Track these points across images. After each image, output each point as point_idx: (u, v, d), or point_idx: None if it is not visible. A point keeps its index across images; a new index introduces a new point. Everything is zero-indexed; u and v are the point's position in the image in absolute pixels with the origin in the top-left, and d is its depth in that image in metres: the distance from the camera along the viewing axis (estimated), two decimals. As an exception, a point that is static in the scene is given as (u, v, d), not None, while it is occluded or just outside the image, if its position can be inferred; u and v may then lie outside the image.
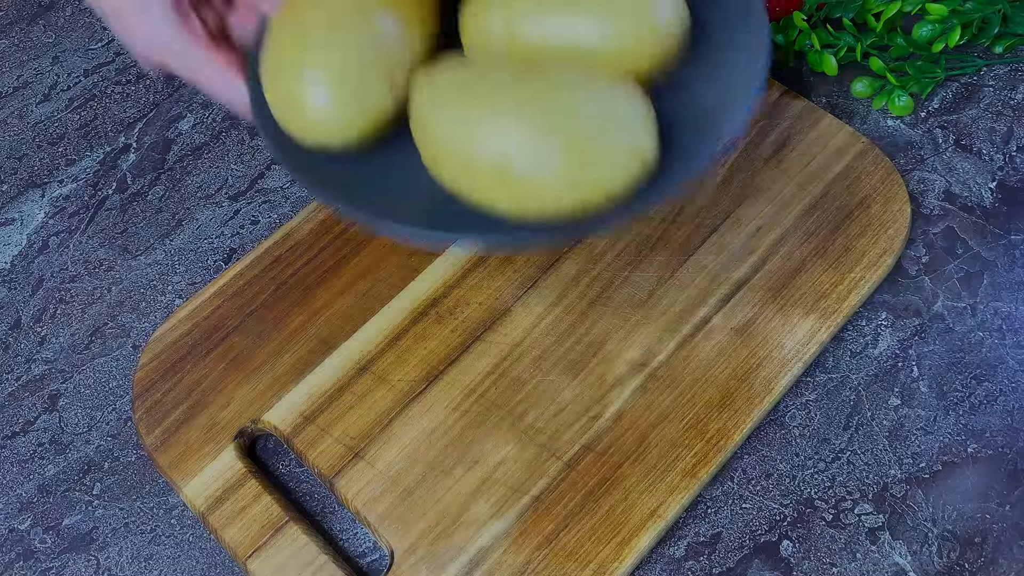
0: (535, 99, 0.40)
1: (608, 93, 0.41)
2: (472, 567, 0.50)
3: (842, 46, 0.66)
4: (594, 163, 0.40)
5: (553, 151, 0.40)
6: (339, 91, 0.43)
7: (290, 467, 0.55)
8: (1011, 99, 0.66)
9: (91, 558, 0.53)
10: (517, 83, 0.41)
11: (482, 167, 0.41)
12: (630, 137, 0.40)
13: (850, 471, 0.53)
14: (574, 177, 0.40)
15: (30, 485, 0.55)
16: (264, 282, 0.59)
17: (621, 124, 0.40)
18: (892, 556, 0.51)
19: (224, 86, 0.49)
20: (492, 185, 0.41)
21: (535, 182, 0.40)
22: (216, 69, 0.49)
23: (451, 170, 0.42)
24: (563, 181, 0.40)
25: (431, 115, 0.42)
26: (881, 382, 0.56)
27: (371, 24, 0.44)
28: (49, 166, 0.68)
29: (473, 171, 0.41)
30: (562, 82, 0.41)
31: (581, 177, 0.40)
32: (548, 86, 0.41)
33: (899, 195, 0.60)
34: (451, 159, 0.42)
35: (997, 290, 0.59)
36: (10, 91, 0.72)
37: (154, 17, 0.47)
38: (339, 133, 0.44)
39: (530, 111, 0.40)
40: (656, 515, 0.51)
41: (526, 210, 0.41)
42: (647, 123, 0.41)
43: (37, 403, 0.58)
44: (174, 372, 0.56)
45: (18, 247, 0.64)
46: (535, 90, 0.41)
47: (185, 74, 0.49)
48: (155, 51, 0.49)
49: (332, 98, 0.43)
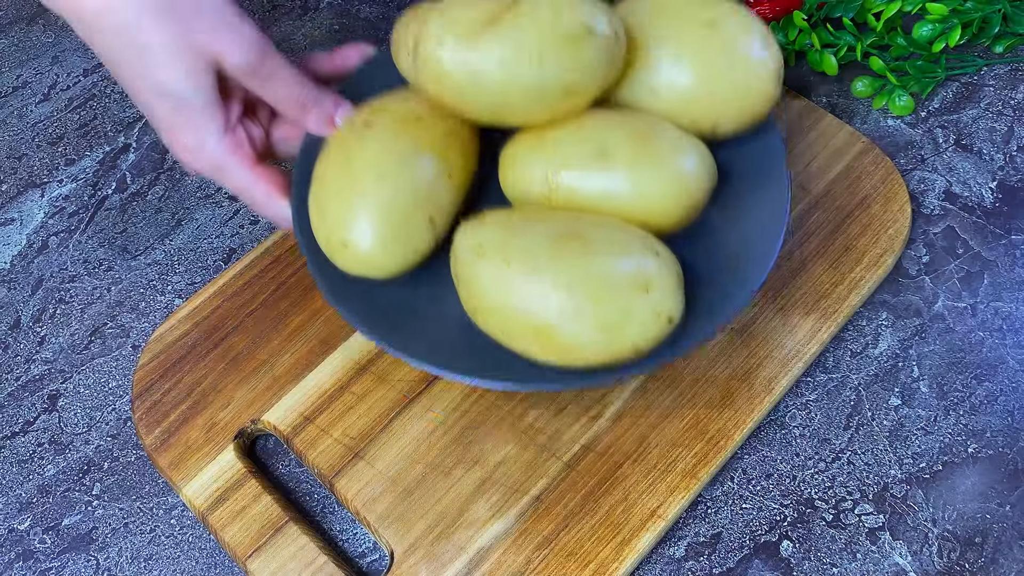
0: (573, 267, 0.44)
1: (640, 259, 0.44)
2: (472, 567, 0.50)
3: (842, 46, 0.66)
4: (626, 327, 0.44)
5: (588, 318, 0.43)
6: (384, 235, 0.47)
7: (290, 467, 0.55)
8: (1011, 99, 0.66)
9: (91, 558, 0.53)
10: (556, 247, 0.44)
11: (520, 323, 0.45)
12: (660, 303, 0.44)
13: (850, 471, 0.53)
14: (607, 339, 0.44)
15: (30, 485, 0.55)
16: (264, 282, 0.59)
17: (652, 291, 0.44)
18: (892, 556, 0.51)
19: (268, 204, 0.52)
20: (528, 339, 0.45)
21: (570, 342, 0.44)
22: (261, 188, 0.51)
23: (489, 320, 0.46)
24: (597, 342, 0.44)
25: (474, 271, 0.46)
26: (881, 382, 0.56)
27: (415, 168, 0.48)
28: (49, 166, 0.68)
29: (511, 326, 0.45)
30: (598, 247, 0.44)
31: (613, 339, 0.44)
32: (585, 252, 0.44)
33: (899, 195, 0.60)
34: (491, 312, 0.46)
35: (997, 290, 0.59)
36: (9, 91, 0.72)
37: (205, 136, 0.50)
38: (382, 270, 0.48)
39: (568, 280, 0.43)
40: (656, 515, 0.51)
41: (558, 361, 0.45)
42: (676, 288, 0.45)
43: (37, 403, 0.58)
44: (174, 372, 0.56)
45: (18, 247, 0.64)
46: (573, 258, 0.44)
47: (229, 188, 0.52)
48: (203, 166, 0.51)
49: (377, 241, 0.47)
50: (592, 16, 0.46)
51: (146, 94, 0.49)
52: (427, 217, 0.48)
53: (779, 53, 0.50)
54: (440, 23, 0.46)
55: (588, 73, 0.46)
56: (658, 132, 0.48)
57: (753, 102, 0.50)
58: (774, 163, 0.51)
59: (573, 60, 0.46)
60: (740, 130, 0.51)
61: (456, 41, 0.45)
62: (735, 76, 0.49)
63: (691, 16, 0.49)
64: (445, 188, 0.49)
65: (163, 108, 0.49)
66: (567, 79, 0.46)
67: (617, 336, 0.43)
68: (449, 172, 0.49)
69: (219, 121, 0.50)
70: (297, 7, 0.75)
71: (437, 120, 0.49)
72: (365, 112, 0.50)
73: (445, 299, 0.49)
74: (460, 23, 0.45)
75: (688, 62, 0.49)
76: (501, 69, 0.45)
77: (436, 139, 0.49)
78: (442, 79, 0.46)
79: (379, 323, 0.48)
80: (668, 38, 0.49)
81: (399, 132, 0.48)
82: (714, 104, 0.50)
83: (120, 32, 0.47)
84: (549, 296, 0.43)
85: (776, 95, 0.50)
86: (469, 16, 0.46)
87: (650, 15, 0.50)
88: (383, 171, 0.47)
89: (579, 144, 0.48)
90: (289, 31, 0.73)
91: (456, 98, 0.47)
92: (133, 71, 0.48)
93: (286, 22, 0.74)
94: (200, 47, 0.48)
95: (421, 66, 0.47)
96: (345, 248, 0.47)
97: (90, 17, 0.47)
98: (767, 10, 0.67)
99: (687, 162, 0.47)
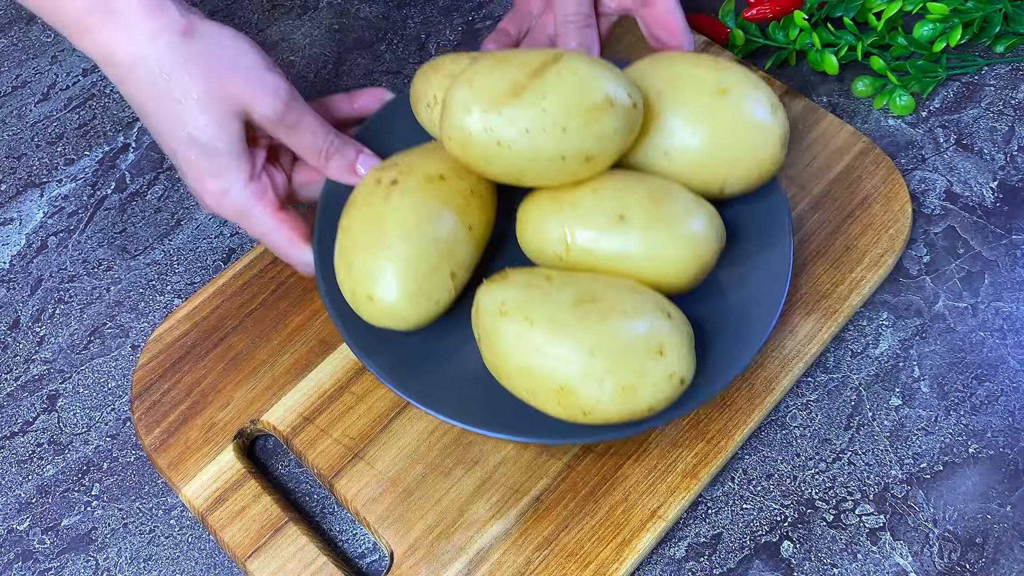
0: (594, 330, 0.45)
1: (655, 321, 0.46)
2: (472, 568, 0.50)
3: (843, 45, 0.66)
4: (641, 389, 0.46)
5: (608, 381, 0.45)
6: (409, 289, 0.49)
7: (290, 467, 0.55)
8: (1012, 98, 0.66)
9: (90, 558, 0.53)
10: (577, 309, 0.46)
11: (542, 383, 0.46)
12: (673, 365, 0.46)
13: (851, 471, 0.53)
14: (624, 400, 0.46)
15: (29, 485, 0.55)
16: (263, 282, 0.59)
17: (666, 354, 0.46)
18: (893, 557, 0.51)
19: (290, 250, 0.53)
20: (549, 399, 0.47)
21: (589, 403, 0.46)
22: (284, 234, 0.53)
23: (512, 379, 0.47)
24: (614, 403, 0.46)
25: (496, 330, 0.47)
26: (882, 382, 0.56)
27: (439, 226, 0.50)
28: (48, 166, 0.68)
29: (533, 384, 0.47)
30: (616, 311, 0.46)
31: (629, 400, 0.46)
32: (605, 316, 0.46)
33: (900, 195, 0.60)
34: (513, 372, 0.47)
35: (998, 290, 0.58)
36: (9, 90, 0.72)
37: (231, 183, 0.51)
38: (405, 323, 0.50)
39: (590, 343, 0.45)
40: (656, 516, 0.50)
41: (575, 418, 0.47)
42: (688, 351, 0.47)
43: (36, 403, 0.58)
44: (173, 372, 0.56)
45: (17, 247, 0.64)
46: (594, 321, 0.46)
47: (252, 233, 0.53)
48: (227, 211, 0.52)
49: (402, 295, 0.49)
50: (614, 87, 0.48)
51: (174, 140, 0.50)
52: (449, 272, 0.50)
53: (786, 119, 0.52)
54: (467, 93, 0.48)
55: (608, 142, 0.48)
56: (672, 197, 0.49)
57: (760, 165, 0.52)
58: (778, 223, 0.54)
59: (595, 130, 0.48)
60: (747, 190, 0.53)
61: (483, 111, 0.47)
62: (744, 142, 0.51)
63: (703, 83, 0.51)
64: (466, 243, 0.51)
65: (191, 155, 0.50)
66: (588, 148, 0.48)
67: (633, 397, 0.45)
68: (469, 227, 0.51)
69: (245, 169, 0.51)
70: (297, 7, 0.75)
71: (459, 178, 0.51)
72: (392, 170, 0.51)
73: (462, 350, 0.51)
74: (486, 92, 0.47)
75: (701, 129, 0.51)
76: (525, 138, 0.47)
77: (458, 197, 0.51)
78: (467, 146, 0.48)
79: (402, 375, 0.50)
80: (682, 105, 0.51)
81: (423, 190, 0.50)
82: (723, 167, 0.52)
83: (151, 82, 0.48)
84: (572, 359, 0.45)
85: (782, 158, 0.52)
86: (494, 86, 0.47)
87: (664, 81, 0.52)
88: (408, 228, 0.49)
89: (596, 206, 0.49)
90: (289, 31, 0.73)
91: (481, 163, 0.49)
92: (162, 118, 0.49)
93: (286, 22, 0.74)
94: (230, 98, 0.49)
95: (447, 131, 0.49)
96: (371, 301, 0.49)
97: (121, 64, 0.48)
98: (768, 9, 0.67)
99: (699, 227, 0.49)
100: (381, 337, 0.51)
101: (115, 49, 0.48)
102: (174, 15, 0.48)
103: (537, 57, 0.48)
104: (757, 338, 0.50)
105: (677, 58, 0.53)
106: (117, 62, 0.48)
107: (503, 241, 0.56)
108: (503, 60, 0.48)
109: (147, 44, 0.48)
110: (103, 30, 0.48)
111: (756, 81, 0.52)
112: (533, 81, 0.47)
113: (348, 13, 0.74)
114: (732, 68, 0.52)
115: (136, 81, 0.48)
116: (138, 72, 0.48)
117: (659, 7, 0.57)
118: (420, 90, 0.56)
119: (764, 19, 0.68)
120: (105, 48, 0.48)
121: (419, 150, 0.53)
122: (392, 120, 0.58)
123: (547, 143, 0.47)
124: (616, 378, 0.45)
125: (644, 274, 0.49)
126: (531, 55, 0.48)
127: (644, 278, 0.49)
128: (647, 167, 0.52)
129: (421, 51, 0.72)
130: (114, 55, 0.48)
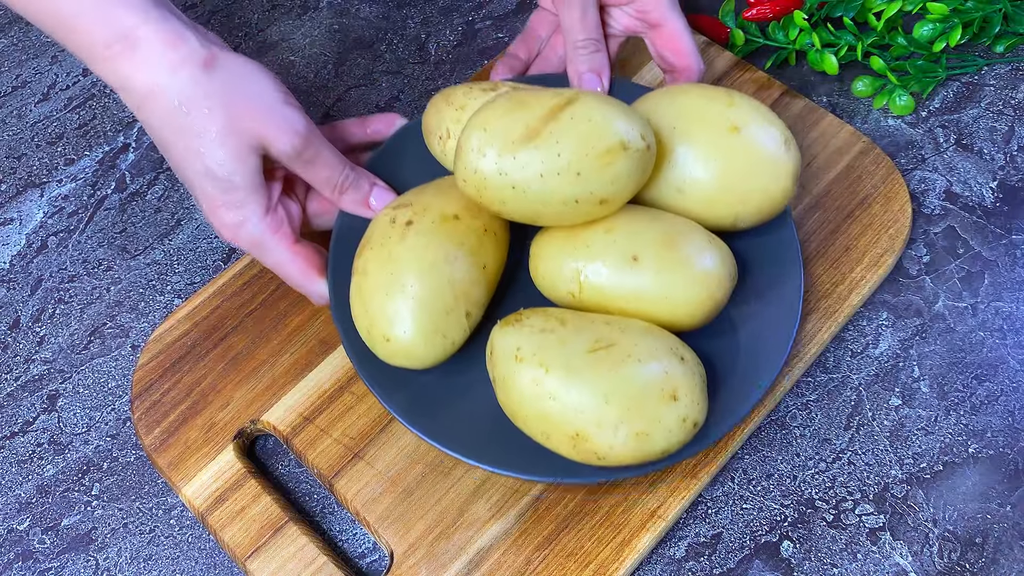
0: (608, 377, 0.46)
1: (669, 366, 0.46)
2: (472, 567, 0.50)
3: (843, 45, 0.66)
4: (655, 434, 0.46)
5: (623, 428, 0.45)
6: (425, 329, 0.49)
7: (289, 467, 0.55)
8: (1012, 98, 0.66)
9: (90, 558, 0.53)
10: (591, 355, 0.46)
11: (556, 428, 0.46)
12: (686, 409, 0.46)
13: (851, 471, 0.53)
14: (638, 445, 0.46)
15: (29, 485, 0.55)
16: (263, 282, 0.59)
17: (680, 399, 0.46)
18: (893, 556, 0.51)
19: (305, 281, 0.53)
20: (564, 443, 0.47)
21: (603, 448, 0.46)
22: (299, 267, 0.53)
23: (527, 423, 0.48)
24: (628, 448, 0.46)
25: (512, 376, 0.47)
26: (882, 382, 0.56)
27: (453, 266, 0.50)
28: (48, 166, 0.68)
29: (547, 428, 0.47)
30: (630, 356, 0.46)
31: (643, 444, 0.46)
32: (619, 362, 0.46)
33: (900, 194, 0.60)
34: (528, 416, 0.47)
35: (998, 290, 0.58)
36: (9, 90, 0.72)
37: (248, 216, 0.51)
38: (421, 362, 0.50)
39: (605, 390, 0.45)
40: (656, 516, 0.50)
41: (589, 461, 0.47)
42: (700, 395, 0.47)
43: (36, 403, 0.58)
44: (173, 372, 0.56)
45: (17, 247, 0.64)
46: (608, 368, 0.46)
47: (268, 264, 0.53)
48: (243, 242, 0.52)
49: (418, 335, 0.49)
50: (627, 131, 0.48)
51: (191, 172, 0.50)
52: (464, 312, 0.50)
53: (798, 153, 0.53)
54: (481, 136, 0.48)
55: (622, 185, 0.49)
56: (685, 237, 0.50)
57: (772, 200, 0.52)
58: (789, 256, 0.54)
59: (608, 174, 0.48)
60: (759, 223, 0.54)
61: (497, 155, 0.48)
62: (757, 177, 0.52)
63: (716, 120, 0.51)
64: (480, 282, 0.51)
65: (208, 187, 0.50)
66: (602, 191, 0.48)
67: (646, 442, 0.46)
68: (483, 265, 0.51)
69: (262, 203, 0.51)
70: (297, 7, 0.75)
71: (473, 217, 0.52)
72: (406, 211, 0.51)
73: (476, 387, 0.52)
74: (500, 136, 0.48)
75: (714, 165, 0.51)
76: (539, 182, 0.48)
77: (472, 236, 0.51)
78: (482, 189, 0.49)
79: (417, 413, 0.51)
80: (694, 142, 0.51)
81: (438, 231, 0.50)
82: (736, 203, 0.52)
83: (170, 114, 0.48)
84: (586, 406, 0.46)
85: (793, 192, 0.53)
86: (508, 129, 0.48)
87: (676, 119, 0.52)
88: (424, 270, 0.49)
89: (609, 247, 0.50)
90: (289, 31, 0.73)
91: (495, 204, 0.49)
92: (180, 150, 0.49)
93: (286, 22, 0.74)
94: (249, 133, 0.49)
95: (461, 174, 0.49)
96: (387, 342, 0.50)
97: (140, 95, 0.48)
98: (768, 9, 0.67)
99: (712, 267, 0.50)
100: (396, 374, 0.52)
101: (134, 79, 0.48)
102: (195, 46, 0.48)
103: (551, 100, 0.48)
104: (766, 376, 0.51)
105: (689, 92, 0.53)
106: (135, 90, 0.48)
107: (515, 271, 0.56)
108: (518, 103, 0.49)
109: (168, 76, 0.47)
110: (123, 60, 0.47)
111: (768, 115, 0.52)
112: (547, 125, 0.47)
113: (348, 13, 0.74)
114: (744, 103, 0.52)
115: (154, 111, 0.48)
116: (157, 103, 0.48)
117: (667, 29, 0.57)
118: (432, 122, 0.56)
119: (764, 19, 0.68)
120: (124, 77, 0.48)
121: (433, 187, 0.53)
122: (404, 147, 0.59)
123: (561, 186, 0.48)
124: (630, 425, 0.45)
125: (657, 313, 0.49)
126: (545, 97, 0.49)
127: (657, 317, 0.49)
128: (660, 203, 0.53)
129: (421, 51, 0.72)
130: (133, 84, 0.48)
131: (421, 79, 0.70)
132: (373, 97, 0.69)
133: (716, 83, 0.65)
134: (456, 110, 0.54)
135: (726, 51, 0.67)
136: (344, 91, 0.70)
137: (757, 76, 0.66)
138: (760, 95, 0.65)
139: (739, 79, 0.65)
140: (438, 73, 0.70)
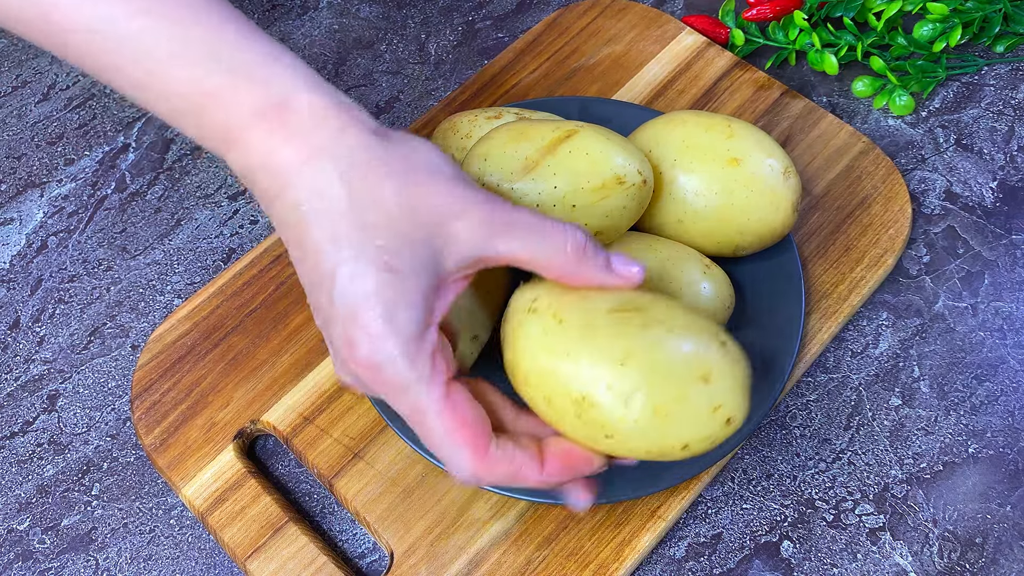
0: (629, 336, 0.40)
1: (704, 344, 0.40)
2: (472, 567, 0.50)
3: (843, 45, 0.66)
4: (677, 416, 0.39)
5: (638, 397, 0.39)
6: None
7: (289, 467, 0.55)
8: (1012, 98, 0.66)
9: (90, 558, 0.53)
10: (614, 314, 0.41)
11: (560, 390, 0.40)
12: (719, 397, 0.40)
13: (851, 471, 0.53)
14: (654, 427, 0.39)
15: (29, 485, 0.55)
16: (263, 282, 0.59)
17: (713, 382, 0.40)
18: (893, 556, 0.51)
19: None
20: (566, 409, 0.40)
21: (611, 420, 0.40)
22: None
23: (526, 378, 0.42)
24: (642, 428, 0.39)
25: (522, 326, 0.42)
26: (882, 382, 0.56)
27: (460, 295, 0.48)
28: (48, 166, 0.68)
29: (548, 390, 0.41)
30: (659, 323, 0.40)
31: (661, 428, 0.39)
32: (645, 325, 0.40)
33: (900, 195, 0.60)
34: (532, 372, 0.42)
35: (998, 290, 0.59)
36: (9, 90, 0.72)
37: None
38: None
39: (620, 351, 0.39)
40: (656, 515, 0.50)
41: (594, 441, 0.41)
42: (740, 386, 0.40)
43: (36, 403, 0.58)
44: (173, 372, 0.56)
45: (17, 247, 0.64)
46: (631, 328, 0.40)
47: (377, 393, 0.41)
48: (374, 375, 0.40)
49: None
50: (624, 166, 0.48)
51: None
52: (471, 336, 0.51)
53: (798, 183, 0.53)
54: (481, 166, 0.49)
55: (617, 218, 0.49)
56: (681, 267, 0.51)
57: (772, 230, 0.53)
58: (791, 282, 0.55)
59: (604, 207, 0.48)
60: (760, 249, 0.54)
61: (496, 185, 0.48)
62: (756, 209, 0.52)
63: (715, 153, 0.52)
64: (485, 306, 0.52)
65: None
66: (597, 224, 0.49)
67: (665, 425, 0.39)
68: (488, 290, 0.52)
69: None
70: (297, 7, 0.75)
71: None
72: None
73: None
74: (499, 167, 0.48)
75: (713, 199, 0.52)
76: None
77: None
78: None
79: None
80: (694, 174, 0.52)
81: None
82: (735, 233, 0.53)
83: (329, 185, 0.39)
84: (598, 363, 0.39)
85: (794, 220, 0.53)
86: (508, 161, 0.48)
87: (677, 150, 0.52)
88: None
89: None
90: (289, 31, 0.73)
91: None
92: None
93: (286, 22, 0.74)
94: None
95: None
96: None
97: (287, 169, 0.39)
98: (768, 9, 0.67)
99: (708, 296, 0.51)
100: None
101: (280, 152, 0.39)
102: (364, 116, 0.40)
103: (551, 132, 0.49)
104: (766, 399, 0.51)
105: (688, 122, 0.53)
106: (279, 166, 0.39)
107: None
108: (518, 134, 0.49)
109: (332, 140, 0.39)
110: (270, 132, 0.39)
111: (768, 145, 0.53)
112: (545, 158, 0.48)
113: (348, 13, 0.74)
114: (744, 133, 0.53)
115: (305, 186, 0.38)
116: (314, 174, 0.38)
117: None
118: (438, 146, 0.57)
119: (764, 19, 0.68)
120: (266, 152, 0.39)
121: None
122: None
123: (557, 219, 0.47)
124: (648, 396, 0.38)
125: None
126: (546, 129, 0.49)
127: None
128: (661, 231, 0.54)
129: (421, 51, 0.72)
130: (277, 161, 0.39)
131: (421, 79, 0.70)
132: (373, 97, 0.69)
133: (716, 83, 0.65)
134: (462, 139, 0.55)
135: (726, 51, 0.67)
136: (344, 91, 0.70)
137: (757, 76, 0.66)
138: (760, 95, 0.65)
139: (739, 79, 0.66)
140: (438, 73, 0.70)
